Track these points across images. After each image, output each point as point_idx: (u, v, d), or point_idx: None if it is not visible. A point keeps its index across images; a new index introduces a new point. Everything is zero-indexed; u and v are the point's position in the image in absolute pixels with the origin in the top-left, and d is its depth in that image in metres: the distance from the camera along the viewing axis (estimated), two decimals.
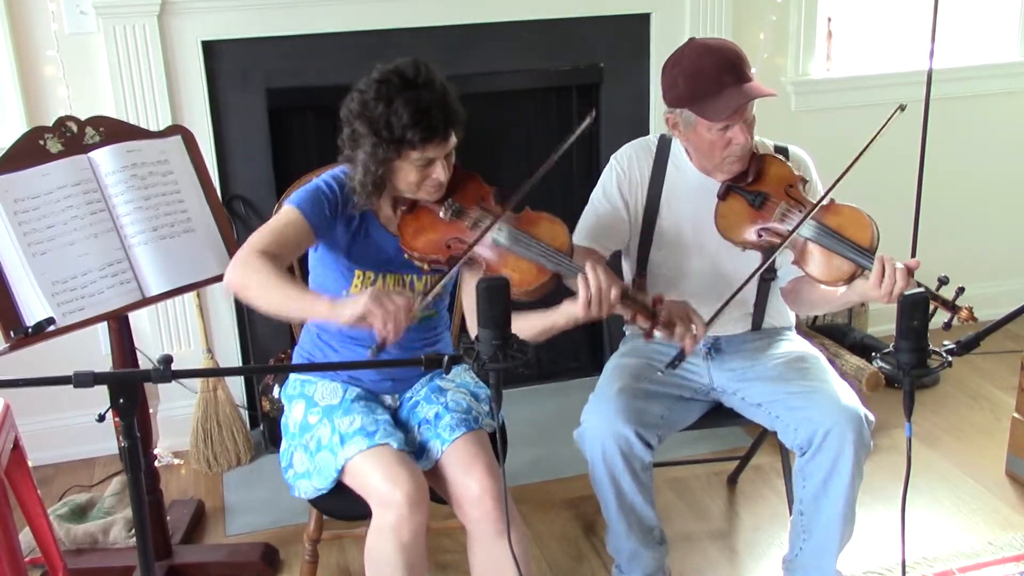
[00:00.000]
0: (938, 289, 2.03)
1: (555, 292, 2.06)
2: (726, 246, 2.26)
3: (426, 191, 2.08)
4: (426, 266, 2.11)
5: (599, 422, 2.20)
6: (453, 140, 2.03)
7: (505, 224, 2.07)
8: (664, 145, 2.36)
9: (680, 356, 2.12)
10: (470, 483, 2.03)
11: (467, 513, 2.05)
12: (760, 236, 2.20)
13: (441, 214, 2.10)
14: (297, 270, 2.41)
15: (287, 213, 2.05)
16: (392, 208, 2.15)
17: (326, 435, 2.08)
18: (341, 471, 2.04)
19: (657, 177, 2.34)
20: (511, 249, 2.06)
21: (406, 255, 2.11)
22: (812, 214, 2.13)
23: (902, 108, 2.11)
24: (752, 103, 2.16)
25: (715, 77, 2.13)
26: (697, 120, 2.17)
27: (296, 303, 1.91)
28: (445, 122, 1.98)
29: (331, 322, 2.01)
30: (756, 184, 2.24)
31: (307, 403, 2.17)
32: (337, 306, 1.87)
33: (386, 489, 1.95)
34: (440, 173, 2.04)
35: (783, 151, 2.35)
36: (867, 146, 2.07)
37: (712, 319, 2.14)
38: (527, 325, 2.06)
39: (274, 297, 1.91)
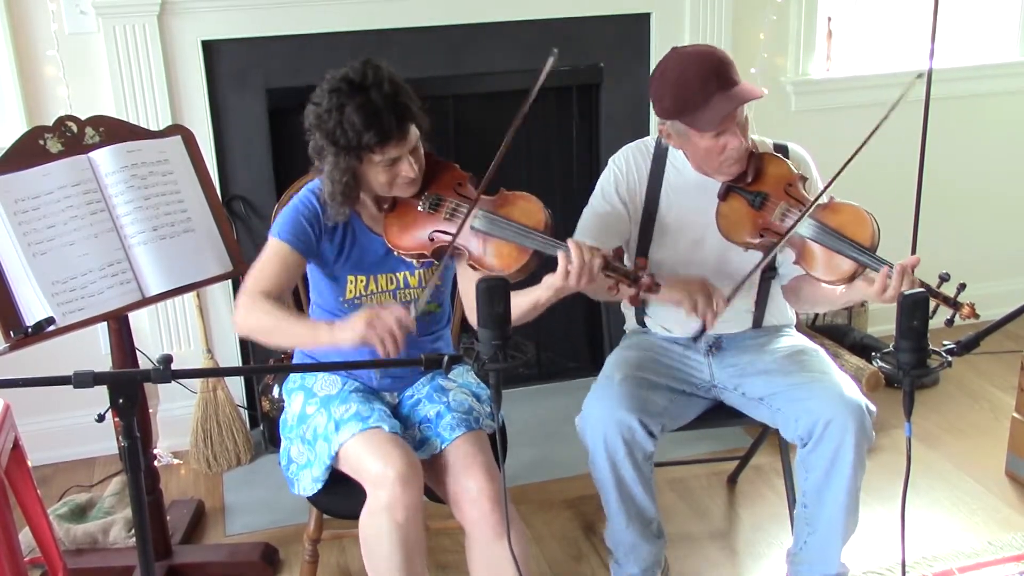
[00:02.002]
0: (939, 286, 2.03)
1: (542, 270, 2.06)
2: (727, 245, 2.27)
3: (399, 188, 2.08)
4: (416, 262, 2.13)
5: (601, 409, 2.19)
6: (414, 134, 2.03)
7: (481, 209, 2.07)
8: (662, 146, 2.36)
9: (703, 330, 2.22)
10: (468, 484, 2.03)
11: (465, 514, 2.06)
12: (762, 236, 2.20)
13: (420, 207, 2.11)
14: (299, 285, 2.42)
15: (273, 247, 2.09)
16: (376, 206, 2.16)
17: (322, 423, 2.09)
18: (335, 457, 2.05)
19: (656, 178, 2.34)
20: (490, 232, 2.06)
21: (396, 253, 2.12)
22: (813, 212, 2.13)
23: (920, 76, 2.08)
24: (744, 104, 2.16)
25: (700, 87, 2.11)
26: (689, 130, 2.17)
27: (301, 339, 2.03)
28: (398, 120, 1.97)
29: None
30: (756, 184, 2.24)
31: (306, 394, 2.18)
32: (337, 334, 1.94)
33: (378, 468, 1.96)
34: (408, 170, 2.03)
35: (783, 149, 2.35)
36: (884, 118, 2.00)
37: (732, 295, 2.18)
38: (511, 305, 2.06)
39: (280, 339, 2.04)
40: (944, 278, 2.02)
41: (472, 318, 2.06)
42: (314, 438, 2.10)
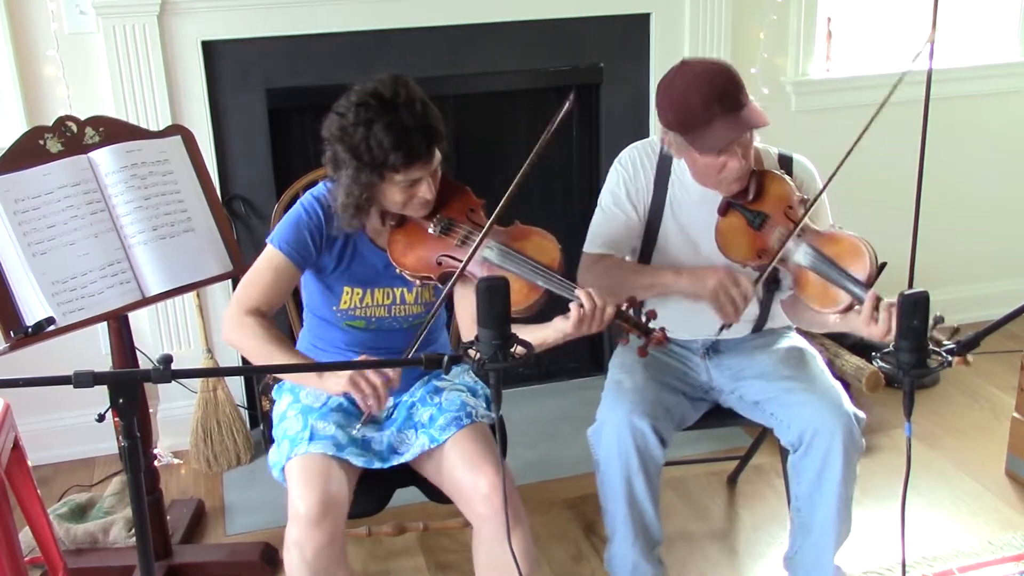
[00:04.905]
0: (933, 327, 1.75)
1: (548, 307, 2.04)
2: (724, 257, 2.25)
3: (413, 209, 2.06)
4: (418, 281, 2.10)
5: (617, 416, 2.16)
6: (437, 157, 2.01)
7: (494, 241, 2.04)
8: (666, 148, 2.34)
9: (727, 324, 2.20)
10: (479, 481, 2.00)
11: (476, 511, 2.02)
12: (759, 257, 2.18)
13: (430, 230, 2.08)
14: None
15: (270, 256, 2.07)
16: (381, 220, 2.13)
17: (292, 428, 2.09)
18: (283, 470, 2.05)
19: (661, 179, 2.32)
20: (502, 266, 2.03)
21: (397, 271, 2.09)
22: (811, 240, 2.11)
23: (931, 41, 2.02)
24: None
25: (703, 109, 2.05)
26: (689, 146, 2.13)
27: (285, 371, 2.07)
28: (427, 142, 1.95)
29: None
30: (757, 203, 2.20)
31: (293, 397, 2.19)
32: (324, 381, 1.98)
33: (294, 502, 1.95)
34: (426, 192, 2.02)
35: (788, 161, 2.32)
36: (893, 88, 2.04)
37: (759, 278, 2.15)
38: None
39: (264, 363, 2.03)
40: (938, 320, 1.79)
41: (467, 337, 2.05)
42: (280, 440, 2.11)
